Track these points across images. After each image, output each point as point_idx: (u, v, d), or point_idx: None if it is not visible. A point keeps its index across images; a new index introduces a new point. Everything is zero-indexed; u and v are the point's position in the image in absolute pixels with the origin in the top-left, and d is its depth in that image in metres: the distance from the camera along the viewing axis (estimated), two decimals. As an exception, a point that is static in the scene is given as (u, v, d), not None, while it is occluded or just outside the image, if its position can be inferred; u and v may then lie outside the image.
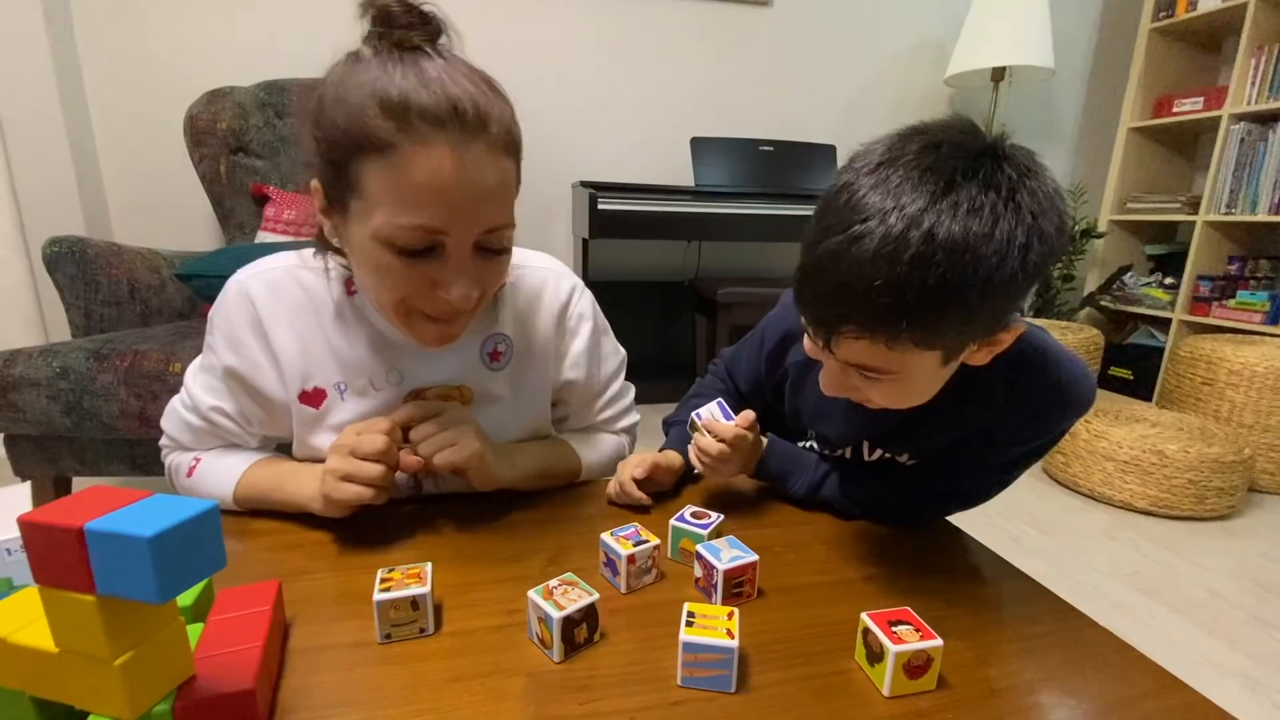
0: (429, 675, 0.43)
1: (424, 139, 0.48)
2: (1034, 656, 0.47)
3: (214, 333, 0.64)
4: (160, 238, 1.77)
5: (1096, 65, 2.79)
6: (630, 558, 0.53)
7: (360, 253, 0.54)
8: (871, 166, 0.46)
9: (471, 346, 0.67)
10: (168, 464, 0.70)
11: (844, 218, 0.44)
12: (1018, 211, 0.42)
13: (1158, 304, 2.63)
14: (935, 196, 0.42)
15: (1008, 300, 0.46)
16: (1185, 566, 1.40)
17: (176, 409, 0.69)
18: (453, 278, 0.53)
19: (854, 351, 0.48)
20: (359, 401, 0.65)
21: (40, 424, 1.14)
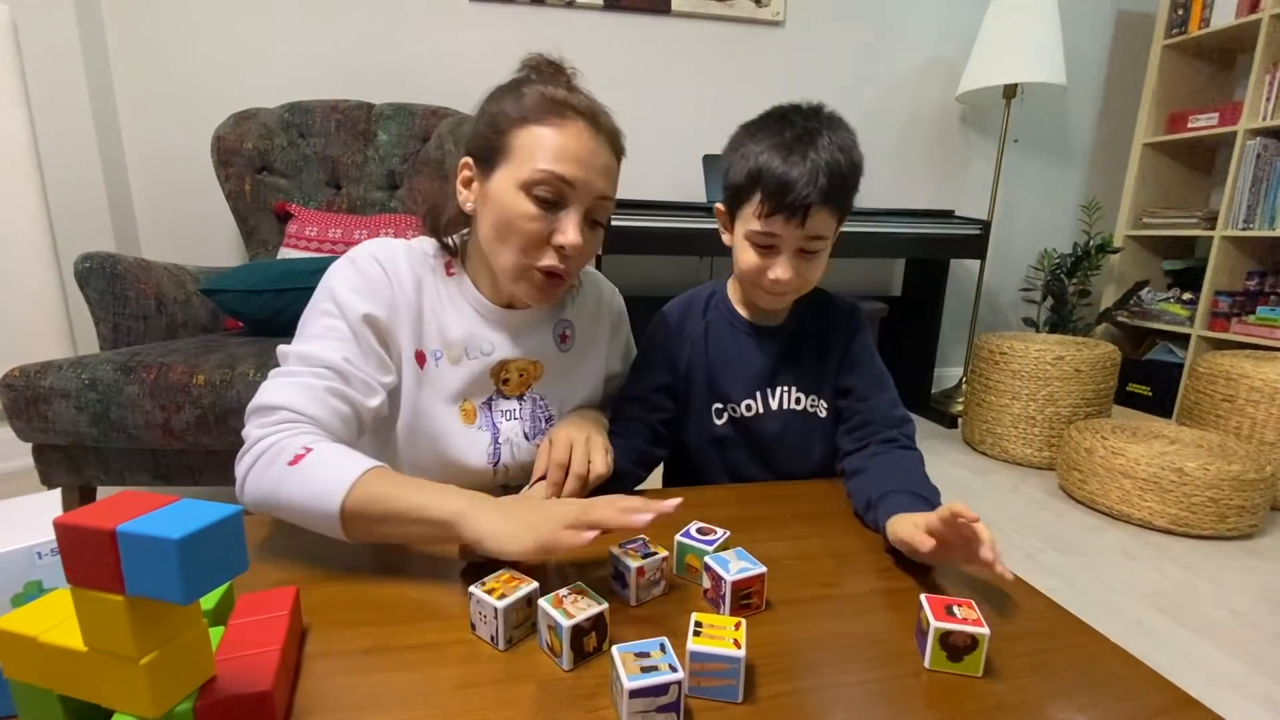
0: (441, 681, 0.44)
1: (572, 120, 0.66)
2: (1044, 672, 0.47)
3: (342, 291, 0.68)
4: (186, 254, 1.82)
5: (1109, 81, 2.79)
6: (639, 570, 0.53)
7: (499, 200, 0.67)
8: (777, 115, 0.76)
9: (546, 328, 0.80)
10: (261, 449, 0.59)
11: (795, 132, 0.73)
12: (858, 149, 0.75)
13: (1176, 319, 2.60)
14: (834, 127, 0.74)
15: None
16: (1206, 586, 1.37)
17: (284, 380, 0.63)
18: (568, 225, 0.67)
19: (818, 220, 0.72)
20: (452, 369, 0.74)
21: (68, 434, 1.17)
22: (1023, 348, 2.02)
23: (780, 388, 0.86)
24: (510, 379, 0.78)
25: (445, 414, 0.74)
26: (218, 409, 1.15)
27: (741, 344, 0.86)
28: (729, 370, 0.86)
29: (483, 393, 0.76)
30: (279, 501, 0.57)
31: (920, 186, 2.68)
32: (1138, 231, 2.73)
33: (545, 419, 0.81)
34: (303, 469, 0.57)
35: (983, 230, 2.32)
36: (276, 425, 0.60)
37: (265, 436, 0.60)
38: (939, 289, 2.44)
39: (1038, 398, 2.00)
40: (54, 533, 0.47)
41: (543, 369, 0.80)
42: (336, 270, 0.70)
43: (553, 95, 0.67)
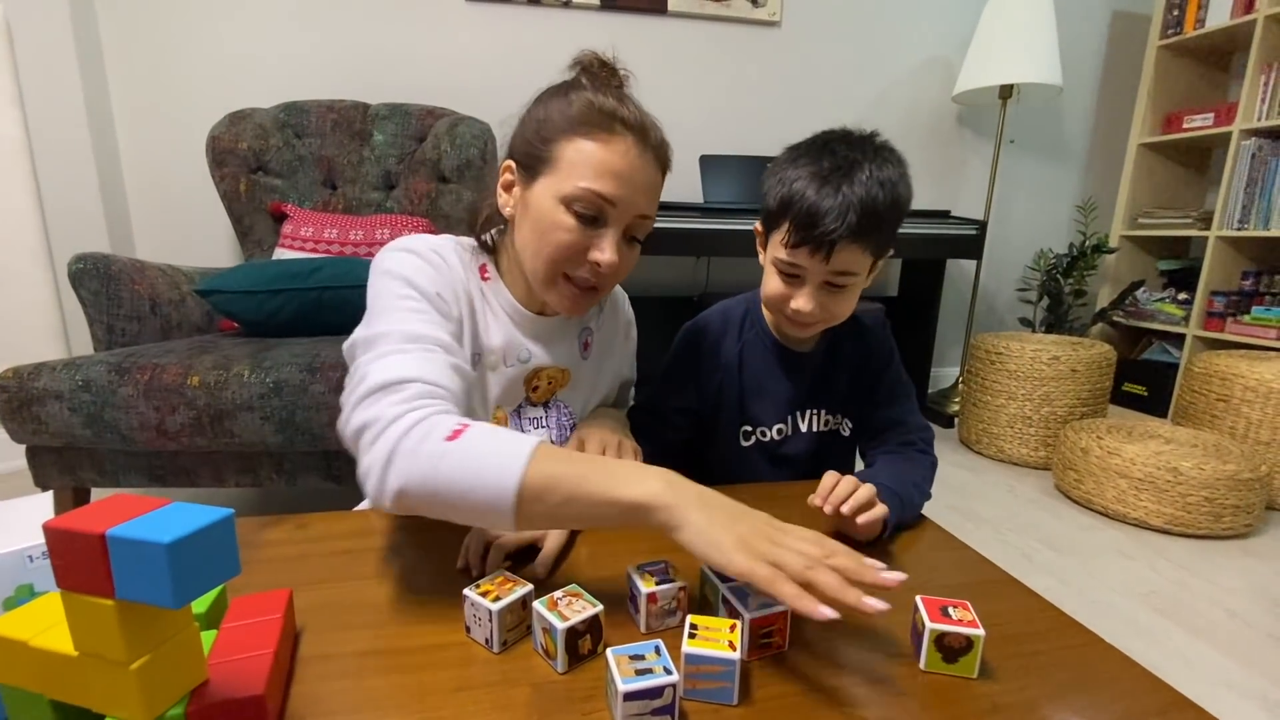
0: (436, 684, 0.44)
1: (620, 135, 0.64)
2: (1039, 673, 0.47)
3: (413, 275, 0.64)
4: (181, 254, 1.81)
5: (1105, 82, 2.80)
6: (651, 596, 0.49)
7: (539, 211, 0.65)
8: (821, 141, 0.74)
9: (572, 336, 0.79)
10: (405, 425, 0.50)
11: (834, 162, 0.70)
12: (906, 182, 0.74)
13: (1171, 319, 2.61)
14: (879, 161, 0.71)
15: (897, 231, 0.75)
16: (1202, 586, 1.38)
17: (399, 356, 0.56)
18: (607, 243, 0.66)
19: (845, 256, 0.70)
20: (491, 375, 0.73)
21: (62, 435, 1.16)
22: (1019, 348, 2.02)
23: (810, 411, 0.86)
24: (540, 386, 0.77)
25: (483, 418, 0.72)
26: (212, 410, 1.15)
27: (774, 370, 0.86)
28: (761, 397, 0.86)
29: (514, 400, 0.76)
30: (437, 483, 0.48)
31: (916, 186, 2.60)
32: (1133, 232, 2.74)
33: (570, 427, 0.80)
34: (464, 445, 0.49)
35: (979, 230, 2.32)
36: (415, 400, 0.52)
37: (407, 413, 0.51)
38: (935, 289, 2.45)
39: (1034, 398, 2.00)
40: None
41: (570, 377, 0.79)
42: (400, 260, 0.65)
43: (601, 106, 0.64)
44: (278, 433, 1.17)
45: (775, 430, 0.87)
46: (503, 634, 0.46)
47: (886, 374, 0.87)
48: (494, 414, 0.74)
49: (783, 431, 0.87)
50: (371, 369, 0.55)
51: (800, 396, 0.86)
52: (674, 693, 0.39)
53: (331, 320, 1.41)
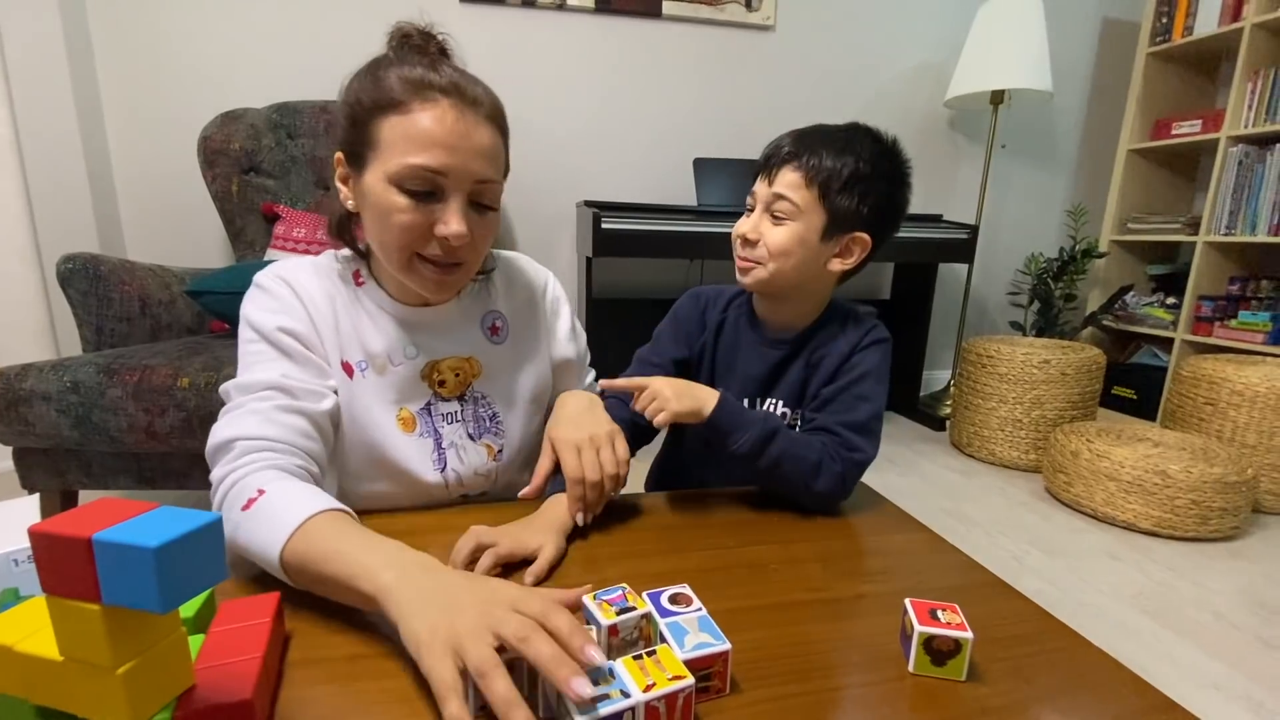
0: (426, 689, 0.43)
1: (433, 100, 0.61)
2: (1027, 676, 0.48)
3: (255, 314, 0.66)
4: (172, 255, 1.80)
5: (1095, 88, 2.82)
6: (613, 628, 0.44)
7: (373, 199, 0.63)
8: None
9: (472, 323, 0.77)
10: (222, 492, 0.57)
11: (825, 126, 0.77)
12: (905, 173, 0.78)
13: (1160, 323, 2.63)
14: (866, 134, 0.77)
15: (878, 216, 0.76)
16: (1189, 588, 1.39)
17: (231, 414, 0.61)
18: (450, 215, 0.63)
19: (785, 178, 0.74)
20: (379, 378, 0.71)
21: (49, 437, 1.15)
22: (1010, 351, 2.03)
23: (770, 399, 0.85)
24: (446, 380, 0.74)
25: (383, 424, 0.71)
26: (202, 412, 1.14)
27: (747, 348, 0.86)
28: (730, 370, 0.87)
29: (418, 398, 0.73)
30: (238, 549, 0.54)
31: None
32: (1122, 236, 2.76)
33: (489, 417, 0.77)
34: (254, 514, 0.53)
35: (970, 234, 2.34)
36: (235, 461, 0.58)
37: (226, 476, 0.57)
38: (927, 293, 2.46)
39: (1024, 401, 2.02)
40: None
41: (479, 365, 0.76)
42: (248, 298, 0.68)
43: (409, 76, 0.61)
44: (268, 435, 1.16)
45: None
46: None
47: (844, 367, 0.80)
48: (398, 415, 0.72)
49: None
50: (214, 429, 0.61)
51: (761, 383, 0.85)
52: (634, 716, 0.38)
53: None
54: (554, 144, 2.27)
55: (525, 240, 2.31)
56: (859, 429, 0.75)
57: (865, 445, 0.74)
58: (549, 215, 2.31)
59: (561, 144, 2.29)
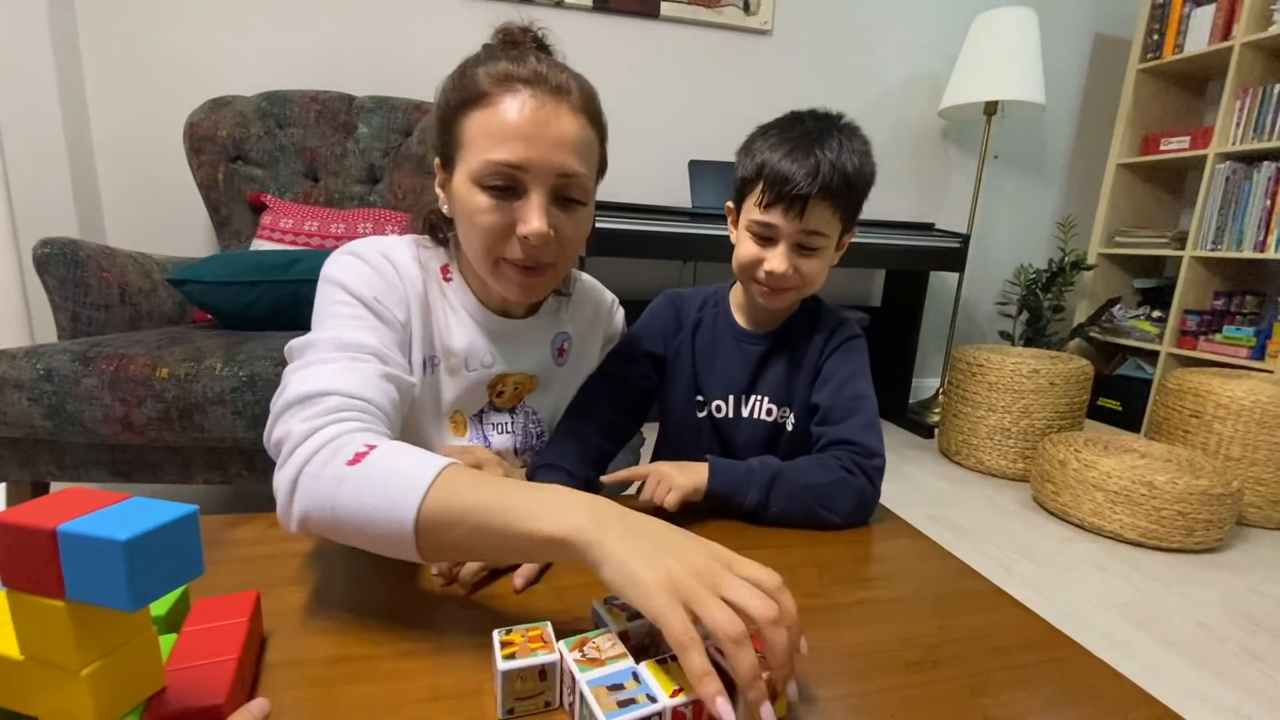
0: (410, 693, 0.42)
1: (513, 93, 0.58)
2: (1027, 686, 0.47)
3: (354, 281, 0.61)
4: (155, 243, 1.76)
5: (1086, 102, 2.86)
6: (623, 635, 0.43)
7: (460, 201, 0.62)
8: (790, 117, 0.77)
9: (545, 343, 0.77)
10: (315, 445, 0.48)
11: (804, 130, 0.74)
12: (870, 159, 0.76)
13: (1146, 336, 2.66)
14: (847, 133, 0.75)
15: (863, 204, 0.77)
16: (1175, 599, 1.39)
17: (323, 367, 0.54)
18: (529, 213, 0.60)
19: (817, 214, 0.72)
20: (449, 379, 0.70)
21: (20, 427, 1.11)
22: (999, 360, 2.04)
23: (755, 396, 0.85)
24: (505, 392, 0.74)
25: (435, 424, 0.70)
26: (181, 404, 1.11)
27: (726, 346, 0.86)
28: (709, 369, 0.86)
29: (476, 404, 0.73)
30: (335, 510, 0.45)
31: (902, 199, 2.71)
32: (1110, 250, 2.79)
33: (537, 434, 0.78)
34: (366, 469, 0.46)
35: (962, 244, 2.35)
36: (330, 415, 0.50)
37: (319, 430, 0.49)
38: (918, 300, 2.47)
39: (1013, 410, 2.02)
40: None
41: (539, 383, 0.77)
42: (343, 264, 0.63)
43: (491, 72, 0.59)
44: (249, 428, 1.13)
45: (715, 407, 0.86)
46: (509, 701, 0.40)
47: (829, 364, 0.81)
48: (452, 418, 0.71)
49: (723, 409, 0.86)
50: (293, 379, 0.53)
51: (746, 378, 0.85)
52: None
53: (309, 315, 1.37)
54: (548, 142, 2.25)
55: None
56: (867, 432, 0.76)
57: (878, 447, 0.75)
58: (542, 213, 2.29)
59: (556, 142, 2.26)
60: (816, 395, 0.80)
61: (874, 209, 2.70)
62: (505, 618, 0.50)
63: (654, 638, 0.44)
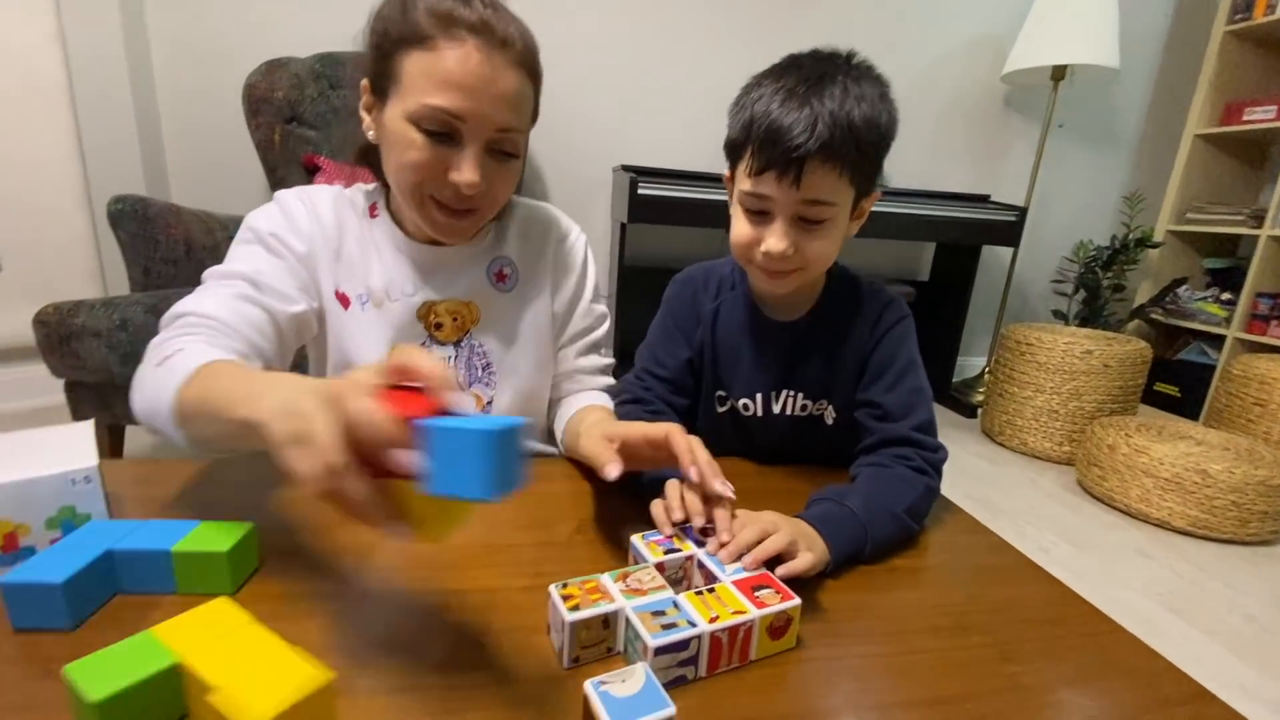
0: (456, 631, 0.44)
1: (458, 39, 0.58)
2: (1058, 656, 0.47)
3: (257, 219, 0.68)
4: (215, 202, 1.82)
5: (1164, 67, 2.68)
6: (660, 565, 0.47)
7: (391, 134, 0.62)
8: (787, 61, 0.65)
9: (479, 267, 0.75)
10: (146, 355, 0.56)
11: (800, 77, 0.61)
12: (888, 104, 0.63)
13: (1212, 320, 2.53)
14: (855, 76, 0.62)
15: (882, 161, 0.65)
16: (1221, 589, 1.36)
17: (195, 294, 0.62)
18: (464, 162, 0.61)
19: (817, 179, 0.60)
20: (376, 312, 0.71)
21: (98, 372, 1.19)
22: (1051, 339, 1.98)
23: (785, 392, 0.75)
24: (443, 324, 0.73)
25: (372, 360, 0.66)
26: (243, 355, 1.17)
27: (749, 338, 0.76)
28: (731, 364, 0.77)
29: (413, 339, 0.72)
30: (141, 406, 0.53)
31: (957, 169, 2.61)
32: (1180, 226, 2.64)
33: (482, 367, 0.75)
34: (160, 369, 0.51)
35: (1018, 217, 2.26)
36: (178, 330, 0.57)
37: (160, 342, 0.56)
38: (968, 276, 2.40)
39: (1062, 391, 1.96)
40: (89, 462, 0.48)
41: (479, 311, 0.74)
42: (259, 209, 0.69)
43: (437, 9, 0.58)
44: (306, 381, 1.19)
45: (741, 405, 0.77)
46: (574, 650, 0.41)
47: (879, 354, 0.72)
48: (389, 353, 0.70)
49: (750, 408, 0.77)
50: (168, 313, 0.61)
51: (774, 375, 0.75)
52: (699, 644, 0.40)
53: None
54: (593, 107, 2.23)
55: (560, 202, 2.29)
56: (928, 428, 0.69)
57: (938, 440, 0.69)
58: (585, 178, 2.29)
59: (600, 107, 2.25)
60: (870, 391, 0.71)
61: (926, 179, 2.62)
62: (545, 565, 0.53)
63: (685, 570, 0.49)
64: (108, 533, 0.47)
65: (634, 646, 0.40)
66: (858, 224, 0.68)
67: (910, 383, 0.71)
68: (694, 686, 0.40)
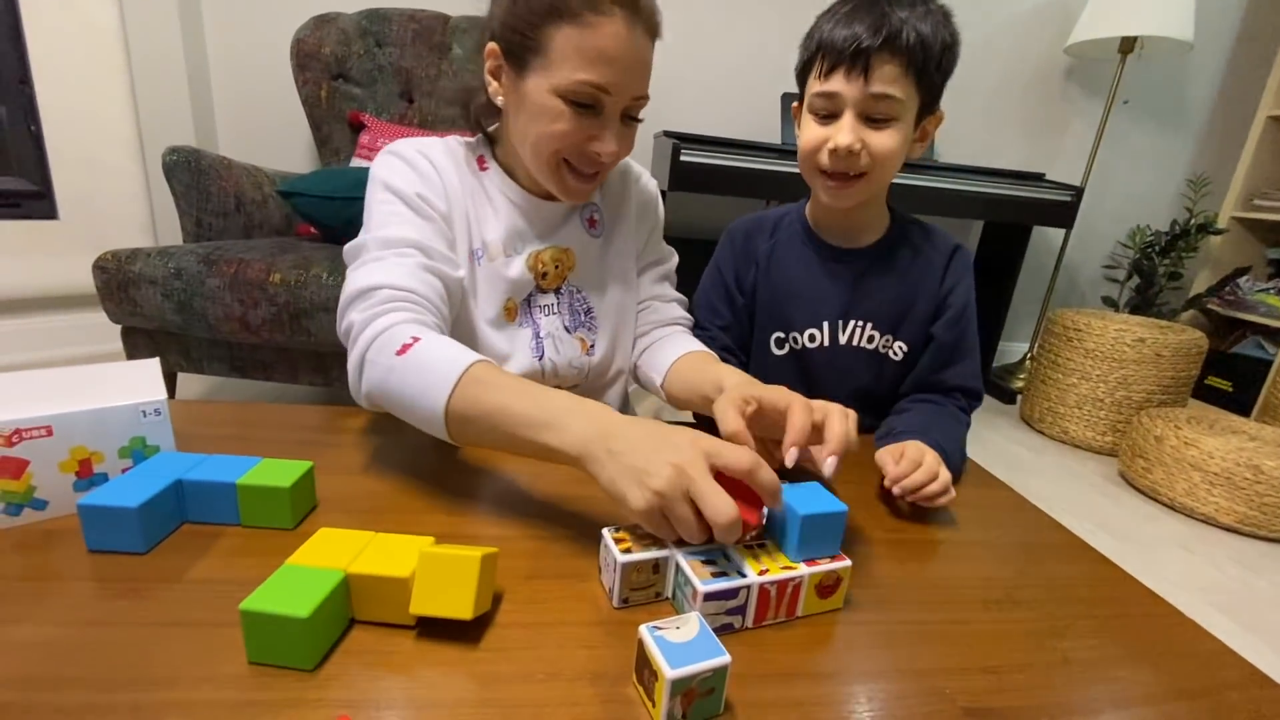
0: (506, 571, 0.45)
1: (608, 13, 0.60)
2: (1111, 635, 0.46)
3: (394, 179, 0.66)
4: (260, 156, 1.85)
5: (1240, 42, 2.52)
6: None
7: (533, 104, 0.63)
8: None
9: (576, 214, 0.77)
10: (371, 334, 0.55)
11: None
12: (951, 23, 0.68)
13: (1273, 312, 2.41)
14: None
15: (946, 78, 0.69)
16: (1267, 587, 1.32)
17: (373, 264, 0.60)
18: (607, 133, 0.65)
19: (885, 73, 0.64)
20: (492, 266, 0.72)
21: (154, 319, 1.23)
22: (1101, 326, 1.91)
23: (854, 322, 0.77)
24: (548, 272, 0.75)
25: (490, 311, 0.72)
26: (292, 308, 1.19)
27: (812, 266, 0.78)
28: (794, 295, 0.78)
29: (524, 289, 0.74)
30: (387, 394, 0.53)
31: (1011, 145, 2.51)
32: (1246, 214, 2.51)
33: (584, 311, 0.78)
34: (408, 361, 0.52)
35: (1074, 198, 2.17)
36: (381, 305, 0.57)
37: (374, 320, 0.56)
38: (1016, 257, 2.32)
39: (1109, 380, 1.90)
40: (159, 395, 0.49)
41: (575, 257, 0.77)
42: (382, 164, 0.68)
43: None
44: (350, 335, 1.21)
45: (807, 336, 0.78)
46: (624, 591, 0.42)
47: (954, 296, 0.76)
48: (504, 305, 0.73)
49: (816, 338, 0.78)
50: (351, 277, 0.61)
51: (840, 302, 0.77)
52: (748, 594, 0.40)
53: (404, 232, 1.43)
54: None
55: (599, 170, 2.27)
56: (977, 377, 0.77)
57: (981, 389, 0.78)
58: (626, 145, 2.26)
59: (645, 71, 2.20)
60: (936, 325, 0.76)
61: (978, 154, 2.52)
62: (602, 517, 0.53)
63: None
64: (176, 464, 0.49)
65: (683, 592, 0.41)
66: (920, 147, 0.72)
67: (972, 330, 0.78)
68: (739, 636, 0.41)
